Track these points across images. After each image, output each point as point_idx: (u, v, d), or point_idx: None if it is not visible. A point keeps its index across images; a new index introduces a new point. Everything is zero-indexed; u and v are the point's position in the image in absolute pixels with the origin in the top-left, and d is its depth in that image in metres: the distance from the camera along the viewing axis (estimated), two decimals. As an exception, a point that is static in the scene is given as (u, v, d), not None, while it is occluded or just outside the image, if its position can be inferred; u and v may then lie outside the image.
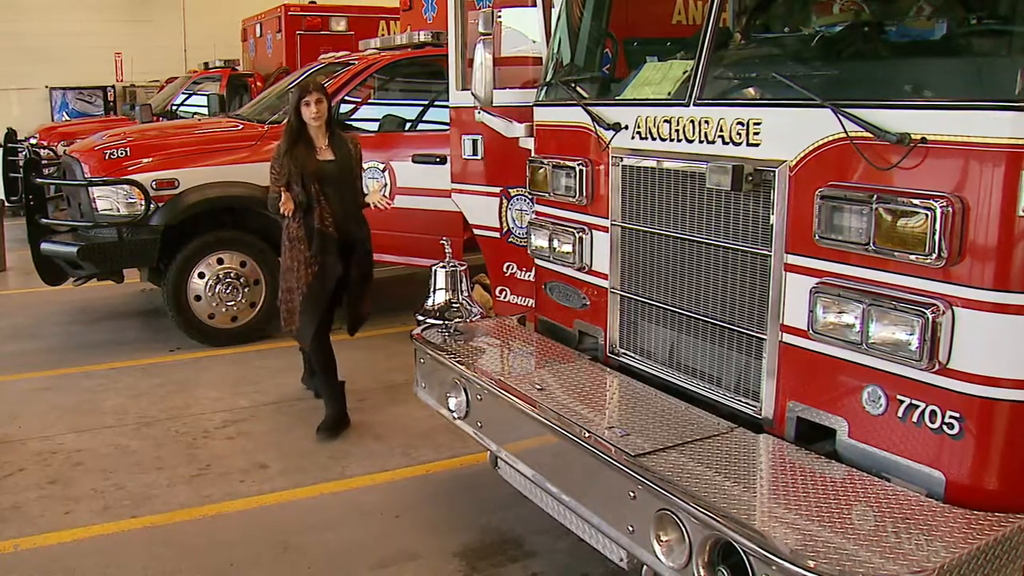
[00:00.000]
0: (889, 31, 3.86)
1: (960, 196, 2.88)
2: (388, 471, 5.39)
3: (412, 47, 9.14)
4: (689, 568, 2.99)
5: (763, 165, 3.44)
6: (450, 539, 4.51)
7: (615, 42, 5.11)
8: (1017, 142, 2.76)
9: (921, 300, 2.97)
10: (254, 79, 15.94)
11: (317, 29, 15.04)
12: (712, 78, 3.80)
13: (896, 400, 3.13)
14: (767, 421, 3.58)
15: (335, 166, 5.92)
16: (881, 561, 2.64)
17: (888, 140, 3.02)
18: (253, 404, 6.62)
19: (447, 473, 5.34)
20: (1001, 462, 2.97)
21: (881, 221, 3.02)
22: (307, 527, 4.74)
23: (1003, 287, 2.85)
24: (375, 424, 6.13)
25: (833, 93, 3.31)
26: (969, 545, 2.72)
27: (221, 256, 8.06)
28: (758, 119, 3.50)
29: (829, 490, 3.07)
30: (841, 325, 3.18)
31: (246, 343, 8.11)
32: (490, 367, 4.35)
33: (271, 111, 9.10)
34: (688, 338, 3.96)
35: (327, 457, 5.58)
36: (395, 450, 5.68)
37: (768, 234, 3.46)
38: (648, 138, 4.01)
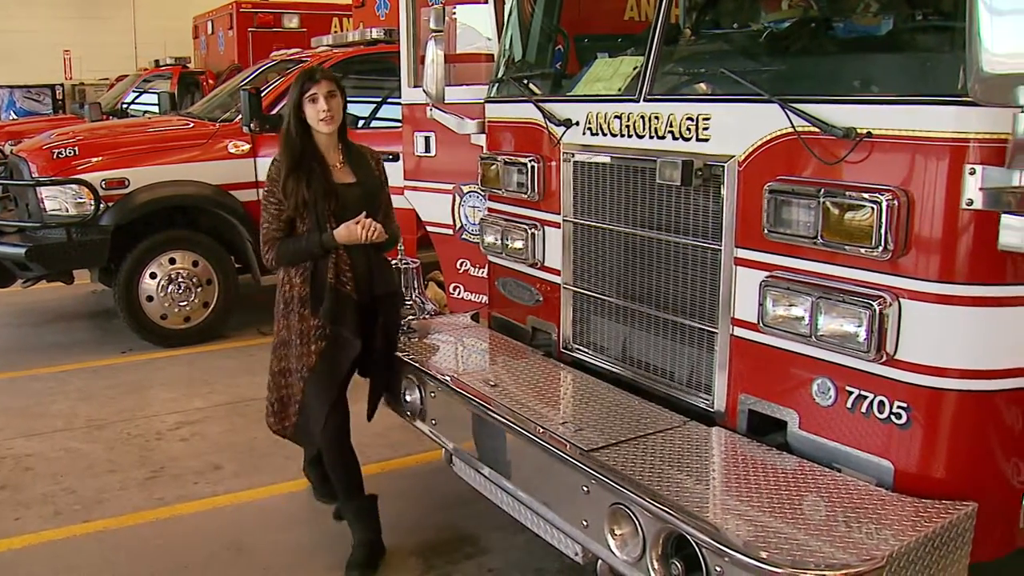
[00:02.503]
0: (836, 27, 3.89)
1: (905, 189, 2.92)
2: (344, 470, 5.34)
3: (365, 44, 9.10)
4: (643, 561, 3.00)
5: (712, 160, 3.47)
6: (406, 537, 4.49)
7: (566, 38, 5.12)
8: (960, 135, 2.80)
9: (868, 292, 3.01)
10: (206, 77, 15.79)
11: (269, 26, 14.91)
12: (662, 74, 3.83)
13: (845, 391, 3.17)
14: (719, 414, 3.61)
15: (359, 192, 4.19)
16: (832, 550, 2.67)
17: (834, 134, 3.06)
18: (207, 405, 6.55)
19: (402, 471, 5.32)
20: (948, 451, 3.02)
21: (828, 215, 3.05)
22: (262, 528, 4.71)
23: (948, 279, 2.89)
24: (330, 423, 6.09)
25: (781, 88, 3.35)
26: (917, 532, 2.76)
27: (173, 256, 7.96)
28: (707, 114, 3.53)
29: (781, 481, 3.10)
30: (790, 318, 3.21)
31: (200, 343, 8.03)
32: (444, 364, 4.34)
33: (223, 109, 9.03)
34: (641, 333, 3.98)
35: (283, 457, 5.52)
36: (351, 449, 5.64)
37: (718, 228, 3.49)
38: (599, 134, 4.02)
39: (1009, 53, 2.46)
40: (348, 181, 4.19)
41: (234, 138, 8.27)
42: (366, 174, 4.27)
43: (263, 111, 8.18)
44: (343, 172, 4.21)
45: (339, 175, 4.18)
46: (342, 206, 4.10)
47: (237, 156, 8.23)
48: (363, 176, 4.25)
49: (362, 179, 4.23)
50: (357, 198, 4.16)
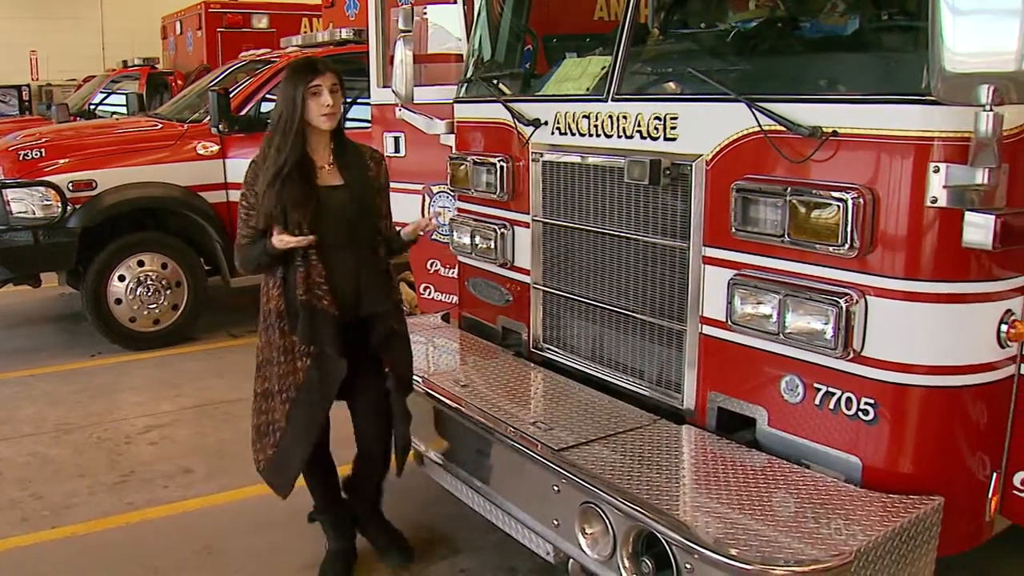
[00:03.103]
0: (803, 27, 3.92)
1: (871, 188, 2.95)
2: (315, 472, 5.33)
3: (334, 44, 9.06)
4: (614, 560, 3.02)
5: (680, 159, 3.49)
6: (378, 539, 4.48)
7: (535, 38, 5.13)
8: (924, 134, 2.84)
9: (835, 290, 3.04)
10: (174, 77, 15.66)
11: (238, 26, 14.83)
12: (630, 74, 3.84)
13: (813, 388, 3.20)
14: (689, 412, 3.62)
15: (345, 196, 3.77)
16: (801, 546, 2.69)
17: (801, 133, 3.08)
18: (177, 408, 6.50)
19: (375, 472, 5.30)
20: (915, 446, 3.06)
21: (795, 213, 3.08)
22: (233, 531, 4.68)
23: (913, 275, 2.93)
24: (302, 425, 6.06)
25: (748, 88, 3.38)
26: (885, 527, 2.80)
27: (141, 258, 7.88)
28: (675, 114, 3.55)
29: (750, 478, 3.13)
30: (758, 316, 3.23)
31: (169, 346, 7.95)
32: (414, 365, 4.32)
33: (192, 110, 8.96)
34: (610, 332, 3.99)
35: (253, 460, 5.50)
36: (322, 451, 5.62)
37: (686, 227, 3.51)
38: (567, 134, 4.03)
39: (971, 52, 2.49)
40: (333, 184, 3.78)
41: (203, 139, 8.20)
42: (357, 176, 3.83)
43: (232, 112, 8.14)
44: (330, 173, 3.80)
45: (325, 177, 3.78)
46: (322, 212, 3.68)
47: (206, 157, 8.16)
48: (353, 178, 3.81)
49: (351, 181, 3.80)
50: (341, 203, 3.74)
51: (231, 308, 8.99)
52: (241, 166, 7.94)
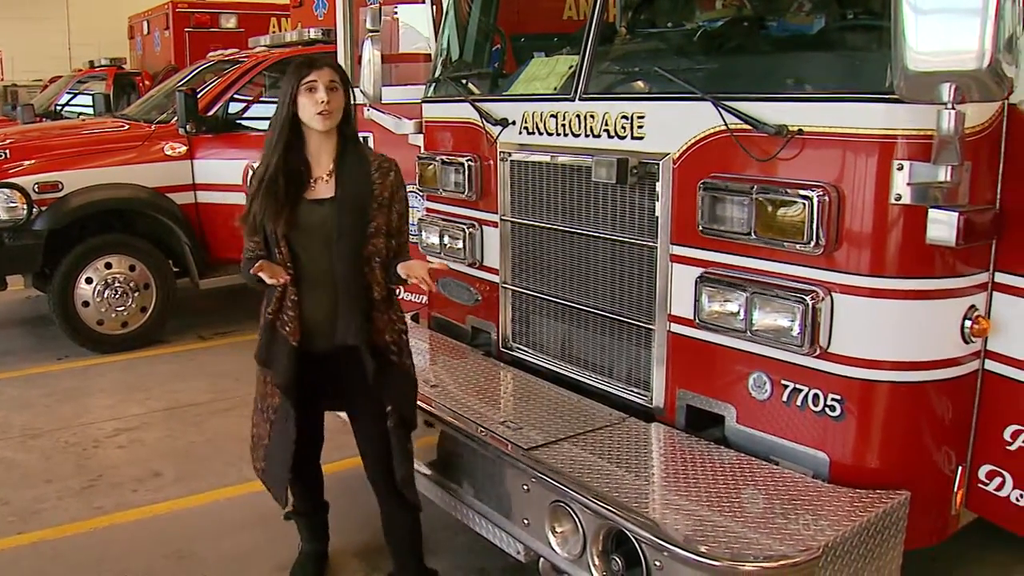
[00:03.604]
0: (769, 26, 3.94)
1: (836, 185, 2.98)
2: (286, 474, 5.30)
3: (303, 44, 9.02)
4: (584, 558, 3.02)
5: (647, 158, 3.50)
6: (350, 539, 4.46)
7: (503, 38, 5.12)
8: (888, 132, 2.87)
9: (801, 287, 3.06)
10: (142, 78, 15.54)
11: (206, 26, 14.73)
12: (597, 73, 3.85)
13: (781, 385, 3.22)
14: (658, 410, 3.64)
15: (328, 212, 3.41)
16: (769, 542, 2.71)
17: (766, 132, 3.10)
18: (146, 411, 6.45)
19: (346, 473, 5.24)
20: (881, 441, 3.10)
21: (761, 211, 3.10)
22: (203, 534, 4.64)
23: (878, 272, 2.96)
24: (272, 427, 6.03)
25: (714, 86, 3.39)
26: (853, 522, 2.82)
27: (109, 260, 7.79)
28: (642, 113, 3.56)
29: (719, 475, 3.14)
30: (726, 313, 3.25)
31: (137, 349, 7.88)
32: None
33: (159, 110, 8.88)
34: (579, 331, 4.00)
35: (223, 463, 5.47)
36: (292, 453, 5.60)
37: (654, 226, 3.53)
38: (535, 133, 4.03)
39: (933, 51, 2.50)
40: (322, 197, 3.41)
41: (170, 140, 8.14)
42: (351, 188, 3.41)
43: (200, 112, 8.08)
44: (325, 184, 3.43)
45: (318, 189, 3.42)
46: (301, 229, 3.38)
47: (174, 158, 8.10)
48: (345, 191, 3.41)
49: (341, 194, 3.40)
50: (321, 219, 3.39)
51: (200, 310, 8.94)
52: (209, 167, 8.06)
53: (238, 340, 6.01)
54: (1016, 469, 3.10)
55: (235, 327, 8.41)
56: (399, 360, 3.59)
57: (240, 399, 6.49)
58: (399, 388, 3.60)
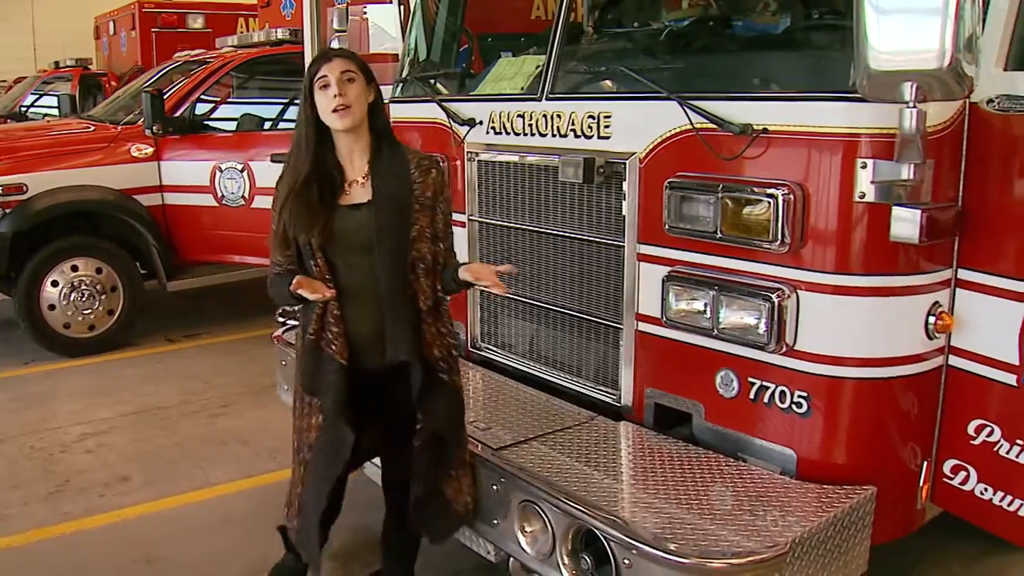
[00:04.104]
0: (735, 25, 3.97)
1: (801, 184, 3.00)
2: (255, 476, 5.27)
3: (270, 44, 8.98)
4: (553, 557, 3.03)
5: (614, 157, 3.51)
6: (320, 542, 4.45)
7: (471, 37, 5.12)
8: (852, 131, 2.90)
9: (767, 285, 3.08)
10: (108, 78, 15.42)
11: (173, 26, 14.65)
12: (563, 73, 3.86)
13: (748, 382, 3.24)
14: (626, 409, 3.65)
15: (365, 217, 3.12)
16: (737, 538, 2.73)
17: (731, 131, 3.12)
18: (113, 415, 6.38)
19: (315, 476, 5.27)
20: (847, 437, 3.13)
21: (727, 210, 3.12)
22: (171, 538, 4.61)
23: (843, 270, 2.98)
24: (241, 429, 6.00)
25: (680, 86, 3.40)
26: (820, 518, 2.85)
27: (75, 263, 7.71)
28: (608, 112, 3.57)
29: (687, 473, 3.16)
30: (692, 312, 3.27)
31: (105, 352, 7.80)
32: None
33: (125, 111, 8.80)
34: (548, 330, 4.00)
35: (191, 466, 5.43)
36: (261, 454, 5.56)
37: (620, 225, 3.54)
38: (502, 133, 4.04)
39: (894, 51, 2.52)
40: (358, 201, 3.12)
41: (137, 141, 8.05)
42: (389, 190, 3.11)
43: (167, 113, 8.01)
44: (362, 189, 3.13)
45: (354, 194, 3.13)
46: (338, 238, 3.09)
47: (140, 160, 8.02)
48: (382, 193, 3.11)
49: (378, 198, 3.10)
50: (358, 225, 3.10)
51: (169, 312, 8.87)
52: (176, 169, 7.99)
53: (207, 342, 5.97)
54: (980, 463, 3.13)
55: (204, 329, 8.36)
56: (448, 378, 3.27)
57: (209, 401, 6.47)
58: (446, 409, 3.28)
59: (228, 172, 7.78)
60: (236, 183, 7.78)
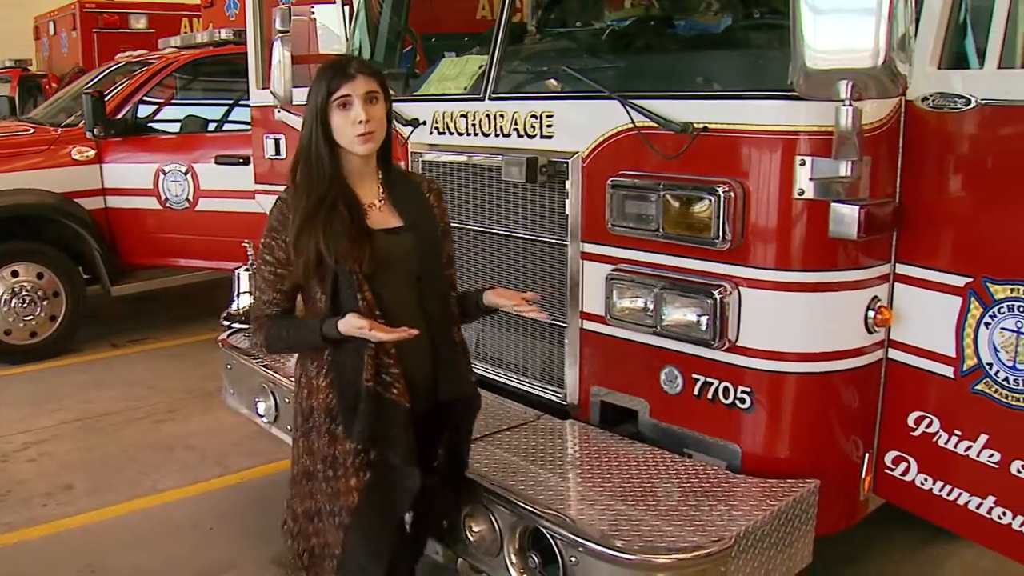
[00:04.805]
0: (677, 25, 4.00)
1: (741, 181, 3.02)
2: (201, 482, 5.22)
3: (213, 45, 8.88)
4: (501, 556, 3.03)
5: (557, 157, 3.52)
6: (267, 546, 4.39)
7: (415, 37, 5.10)
8: (790, 129, 2.93)
9: (709, 282, 3.11)
10: (48, 80, 15.16)
11: (115, 27, 14.41)
12: (506, 72, 3.86)
13: (692, 379, 3.26)
14: (573, 407, 3.66)
15: (410, 242, 2.82)
16: (683, 534, 2.75)
17: (672, 129, 3.14)
18: (56, 423, 6.28)
19: (263, 480, 5.22)
20: (790, 431, 3.16)
21: (668, 208, 3.14)
22: (117, 547, 4.55)
23: (784, 266, 3.02)
24: (187, 434, 5.93)
25: (622, 85, 3.43)
26: (764, 511, 2.88)
27: (15, 268, 7.57)
28: (550, 112, 3.57)
29: (633, 470, 3.17)
30: (636, 310, 3.29)
31: (47, 359, 7.66)
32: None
33: (66, 113, 8.66)
34: (494, 330, 4.00)
35: (137, 472, 5.36)
36: (208, 460, 5.51)
37: (564, 224, 3.55)
38: (446, 133, 4.03)
39: (830, 50, 2.55)
40: (392, 225, 2.81)
41: (78, 144, 7.93)
42: (419, 213, 2.87)
43: (108, 115, 7.90)
44: (384, 212, 2.82)
45: (378, 217, 2.79)
46: (383, 263, 2.73)
47: (81, 163, 7.90)
48: (415, 216, 2.84)
49: (413, 221, 2.83)
50: (405, 251, 2.80)
51: (113, 318, 8.75)
52: (119, 171, 7.88)
53: (152, 347, 5.89)
54: (920, 454, 3.17)
55: (149, 334, 8.26)
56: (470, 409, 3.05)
57: (154, 407, 6.40)
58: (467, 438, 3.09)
59: (172, 174, 7.70)
60: (180, 185, 7.69)
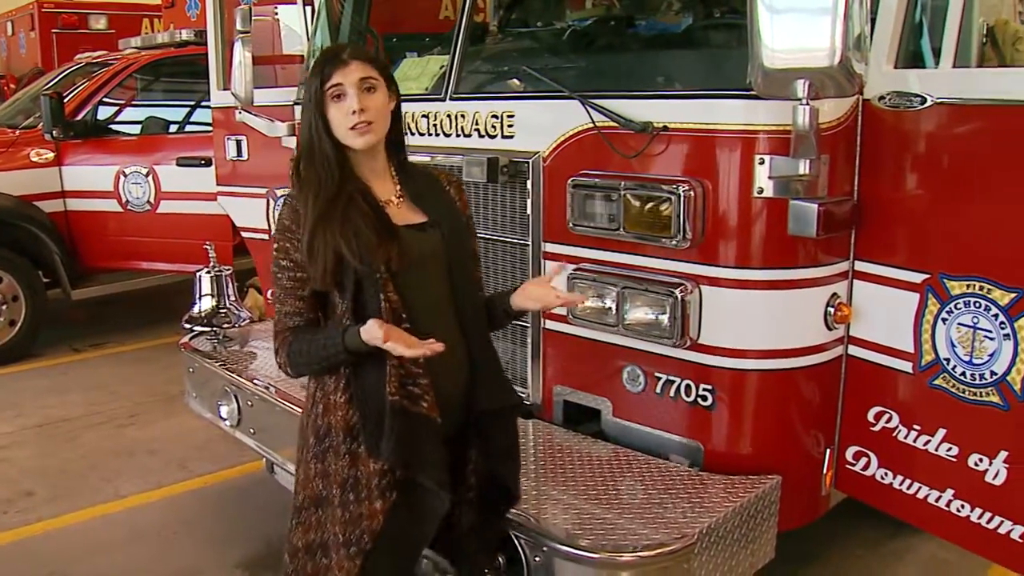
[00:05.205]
0: (638, 25, 4.01)
1: (701, 180, 3.04)
2: (164, 487, 5.17)
3: (174, 46, 8.80)
4: (465, 557, 3.02)
5: (518, 157, 3.52)
6: (232, 551, 4.38)
7: (376, 38, 5.08)
8: (749, 128, 2.95)
9: (670, 281, 3.12)
10: (6, 80, 14.94)
11: (74, 27, 14.24)
12: (467, 73, 3.86)
13: (654, 377, 3.28)
14: (536, 407, 3.67)
15: (437, 240, 2.54)
16: (647, 532, 2.77)
17: (632, 129, 3.16)
18: (15, 429, 6.19)
19: (226, 484, 5.18)
20: (752, 428, 3.19)
21: (629, 207, 3.15)
22: (79, 554, 4.49)
23: (744, 264, 3.04)
24: (150, 439, 5.87)
25: (583, 85, 3.43)
26: (727, 508, 2.90)
27: (-27, 273, 7.51)
28: (511, 112, 3.58)
29: (597, 469, 3.18)
30: (598, 309, 3.29)
31: (7, 364, 7.54)
32: (260, 371, 4.23)
33: (24, 115, 8.55)
34: (458, 330, 3.99)
35: (99, 479, 5.30)
36: (171, 465, 5.46)
37: (525, 224, 3.55)
38: (408, 133, 4.00)
39: (787, 49, 2.57)
40: (416, 221, 2.53)
41: (36, 146, 7.84)
42: (443, 207, 2.60)
43: (67, 117, 7.81)
44: (403, 209, 2.54)
45: (398, 214, 2.51)
46: (412, 261, 2.44)
47: (40, 165, 7.81)
48: (439, 211, 2.57)
49: (438, 216, 2.56)
50: (434, 248, 2.52)
51: (73, 322, 8.66)
52: (79, 174, 7.80)
53: (114, 351, 5.83)
54: (880, 449, 3.20)
55: (110, 338, 8.17)
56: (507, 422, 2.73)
57: (116, 412, 6.33)
58: (509, 457, 2.72)
59: (133, 177, 7.62)
60: (141, 188, 7.61)
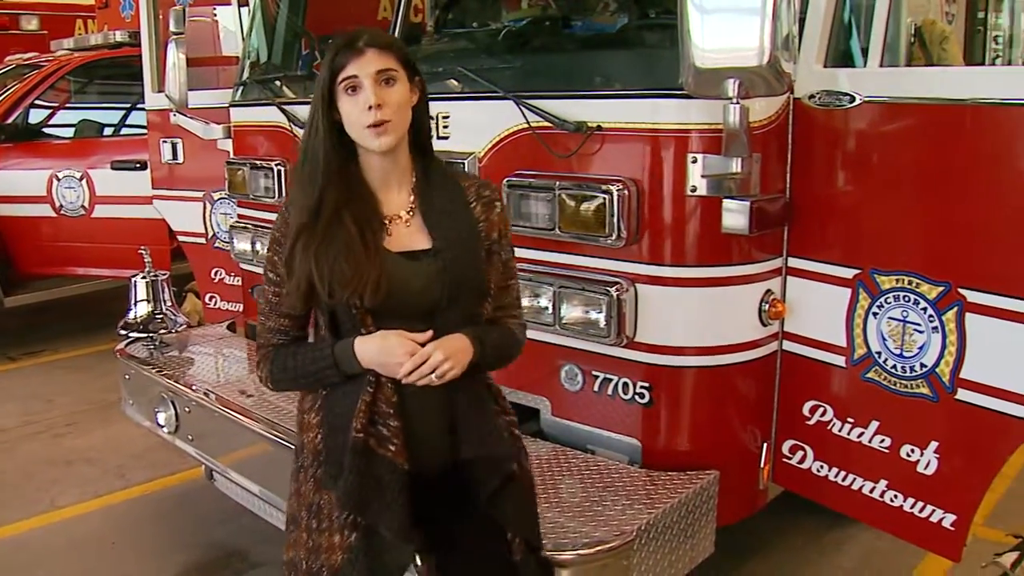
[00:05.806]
0: (573, 25, 4.02)
1: (635, 179, 3.06)
2: (102, 496, 5.08)
3: (108, 47, 8.68)
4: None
5: (453, 157, 3.51)
6: (171, 560, 4.32)
7: (312, 39, 5.05)
8: (682, 127, 2.99)
9: (606, 279, 3.14)
10: (-66, 85, 14.62)
11: (5, 28, 13.93)
12: (402, 73, 3.83)
13: (592, 376, 3.29)
14: (476, 407, 3.65)
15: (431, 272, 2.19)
16: (586, 529, 2.78)
17: (567, 129, 3.17)
18: (-52, 439, 6.07)
19: (165, 492, 5.11)
20: (689, 425, 3.22)
21: (564, 206, 3.16)
22: (16, 567, 4.40)
23: (678, 262, 3.07)
24: (87, 448, 5.77)
25: (518, 85, 3.43)
26: (665, 504, 2.92)
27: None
28: (446, 112, 3.58)
29: (536, 468, 3.16)
30: (535, 308, 3.29)
31: (-62, 372, 7.44)
32: (198, 377, 4.19)
33: (-45, 120, 8.39)
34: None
35: (34, 489, 5.20)
36: (109, 473, 5.37)
37: (462, 225, 3.54)
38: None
39: (717, 49, 2.60)
40: (416, 247, 2.22)
41: (-34, 150, 7.70)
42: (455, 230, 2.23)
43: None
44: (411, 229, 2.23)
45: (401, 236, 2.22)
46: (393, 297, 2.15)
47: (-30, 170, 7.67)
48: (447, 235, 2.22)
49: (443, 243, 2.21)
50: (426, 282, 2.19)
51: (7, 330, 8.45)
52: (10, 178, 7.67)
53: (49, 359, 5.72)
54: (816, 442, 3.25)
55: (46, 346, 8.01)
56: (519, 468, 2.38)
57: (53, 421, 6.21)
58: (521, 506, 2.39)
59: (66, 181, 7.49)
60: (75, 192, 7.48)
